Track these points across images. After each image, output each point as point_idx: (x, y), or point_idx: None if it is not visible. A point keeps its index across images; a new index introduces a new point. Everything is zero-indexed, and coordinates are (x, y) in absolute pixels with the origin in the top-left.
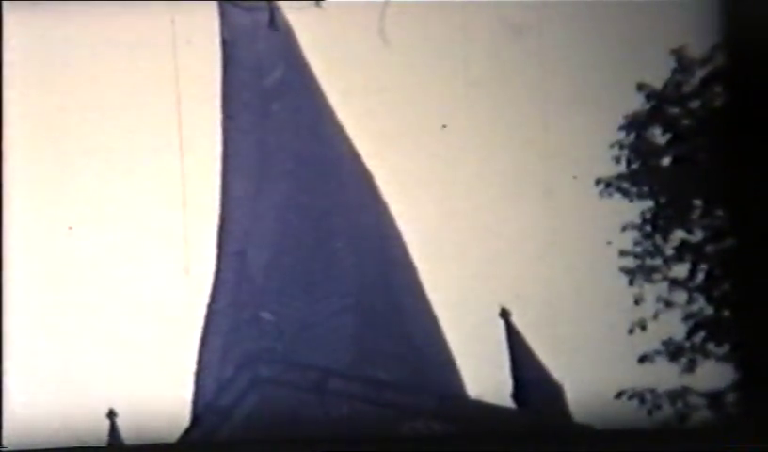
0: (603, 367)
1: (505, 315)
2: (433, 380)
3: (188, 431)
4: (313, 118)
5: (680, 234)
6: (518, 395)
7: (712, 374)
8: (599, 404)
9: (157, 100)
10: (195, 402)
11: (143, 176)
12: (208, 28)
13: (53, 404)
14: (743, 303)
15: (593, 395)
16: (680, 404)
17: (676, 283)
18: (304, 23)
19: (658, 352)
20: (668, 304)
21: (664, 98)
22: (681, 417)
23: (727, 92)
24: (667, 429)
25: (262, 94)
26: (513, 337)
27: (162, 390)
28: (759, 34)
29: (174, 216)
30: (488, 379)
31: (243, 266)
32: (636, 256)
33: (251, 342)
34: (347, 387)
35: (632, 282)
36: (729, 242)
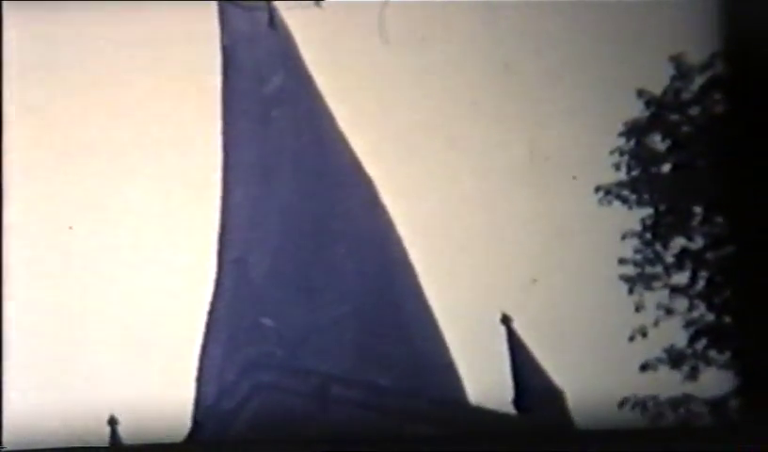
0: (605, 374)
1: (507, 322)
2: (434, 386)
3: (189, 436)
4: (313, 124)
5: (680, 242)
6: (518, 401)
7: (715, 381)
8: (601, 411)
9: (157, 100)
10: (196, 407)
11: (143, 176)
12: (208, 28)
13: (53, 404)
14: (743, 310)
15: (595, 402)
16: (682, 411)
17: (676, 291)
18: (304, 23)
19: (660, 359)
20: (669, 311)
21: (664, 105)
22: (684, 425)
23: (726, 99)
24: (667, 430)
25: (262, 101)
26: (514, 343)
27: (163, 394)
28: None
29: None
30: (489, 385)
31: (243, 272)
32: (636, 264)
33: (252, 348)
34: (348, 392)
35: (631, 291)
36: (730, 249)
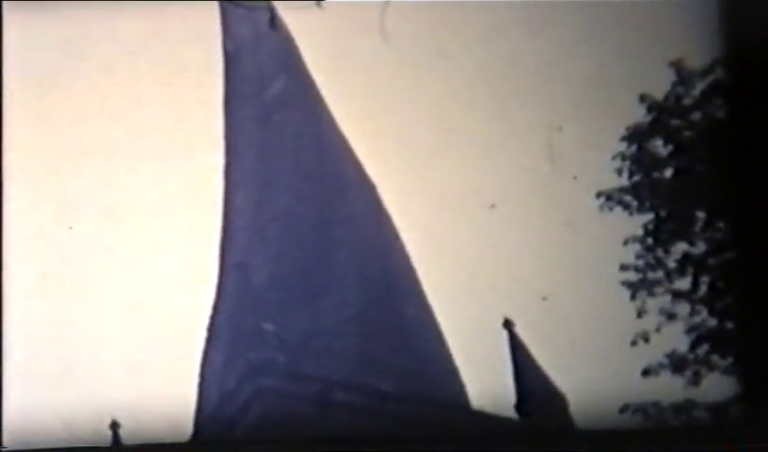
0: (606, 380)
1: (509, 326)
2: (436, 391)
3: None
4: (315, 128)
5: (682, 247)
6: (521, 405)
7: (717, 386)
8: (603, 417)
9: (157, 100)
10: (197, 413)
11: (144, 176)
12: (210, 29)
13: (53, 404)
14: (745, 315)
15: (596, 408)
16: (684, 418)
17: (678, 296)
18: (304, 23)
19: (662, 365)
20: (671, 316)
21: (666, 109)
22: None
23: (727, 104)
24: (669, 430)
25: (264, 105)
26: (516, 348)
27: (164, 396)
28: (758, 47)
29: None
30: (491, 389)
31: (245, 276)
32: (638, 270)
33: (254, 353)
34: (350, 397)
35: (634, 297)
36: (732, 254)
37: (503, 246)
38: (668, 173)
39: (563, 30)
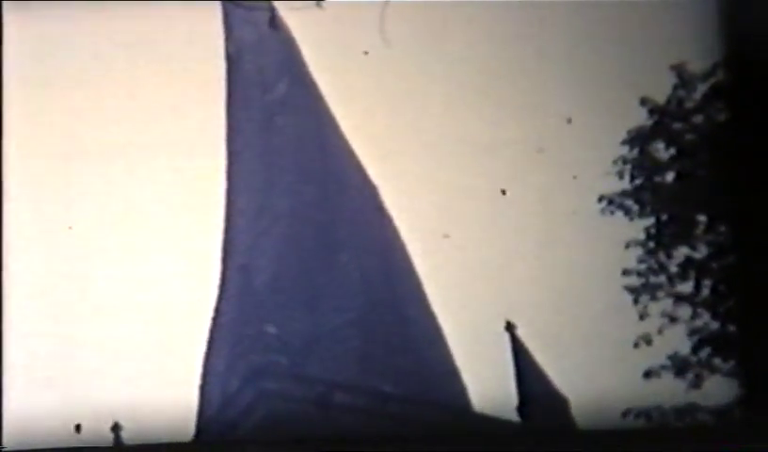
0: (609, 382)
1: (511, 329)
2: (438, 393)
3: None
4: (317, 131)
5: (683, 251)
6: (522, 408)
7: (719, 389)
8: (605, 420)
9: (157, 100)
10: (200, 415)
11: (144, 177)
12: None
13: (53, 404)
14: (747, 317)
15: (599, 411)
16: (687, 420)
17: (680, 299)
18: (304, 23)
19: (664, 367)
20: (673, 319)
21: (667, 113)
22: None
23: (728, 107)
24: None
25: (266, 108)
26: (518, 350)
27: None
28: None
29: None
30: (493, 392)
31: (247, 279)
32: (640, 273)
33: (256, 355)
34: (352, 399)
35: (636, 301)
36: (733, 257)
37: (505, 250)
38: (670, 177)
39: (563, 33)
